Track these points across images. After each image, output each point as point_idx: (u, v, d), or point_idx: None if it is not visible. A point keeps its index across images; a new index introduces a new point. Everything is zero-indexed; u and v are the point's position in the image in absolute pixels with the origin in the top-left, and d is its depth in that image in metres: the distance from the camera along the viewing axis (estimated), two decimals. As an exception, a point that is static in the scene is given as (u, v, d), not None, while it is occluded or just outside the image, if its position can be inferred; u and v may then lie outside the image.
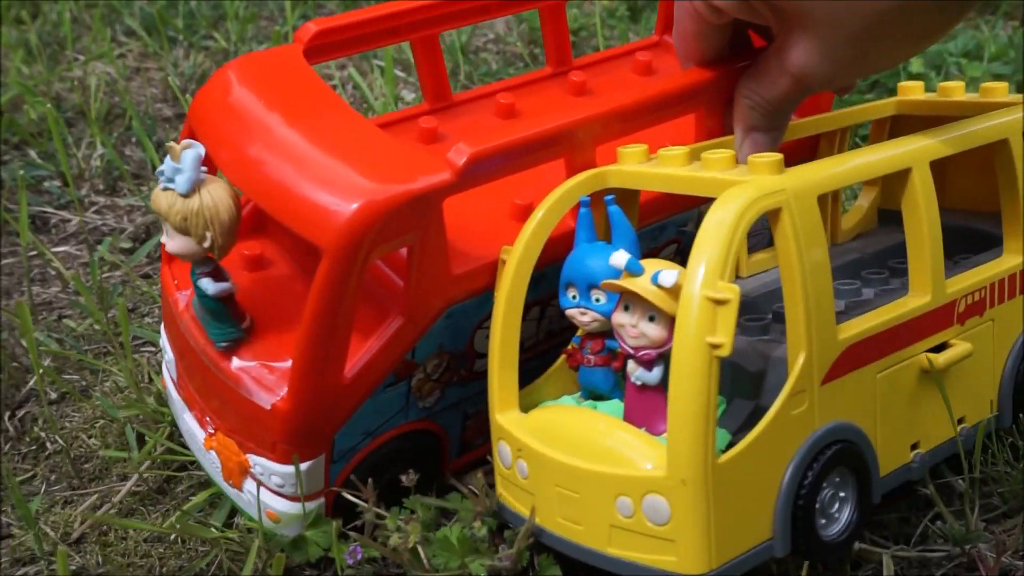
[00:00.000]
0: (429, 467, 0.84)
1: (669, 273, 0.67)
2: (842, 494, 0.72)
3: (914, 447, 0.77)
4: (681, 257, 0.93)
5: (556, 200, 0.76)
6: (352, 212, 0.72)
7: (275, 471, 0.78)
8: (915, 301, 0.76)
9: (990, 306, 0.81)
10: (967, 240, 0.90)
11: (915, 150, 0.75)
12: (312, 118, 0.81)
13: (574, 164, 0.81)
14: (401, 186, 0.74)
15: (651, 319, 0.68)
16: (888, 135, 0.98)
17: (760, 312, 0.83)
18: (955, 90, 0.93)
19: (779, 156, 0.69)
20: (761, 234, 0.92)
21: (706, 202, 0.72)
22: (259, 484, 0.79)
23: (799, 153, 0.96)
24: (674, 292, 0.67)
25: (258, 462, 0.79)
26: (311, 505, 0.78)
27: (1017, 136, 0.82)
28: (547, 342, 0.87)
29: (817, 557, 0.71)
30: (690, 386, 0.63)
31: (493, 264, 0.80)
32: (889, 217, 0.99)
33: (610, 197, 0.74)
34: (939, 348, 0.78)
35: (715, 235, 0.64)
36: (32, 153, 1.43)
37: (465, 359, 0.83)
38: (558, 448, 0.71)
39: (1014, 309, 0.83)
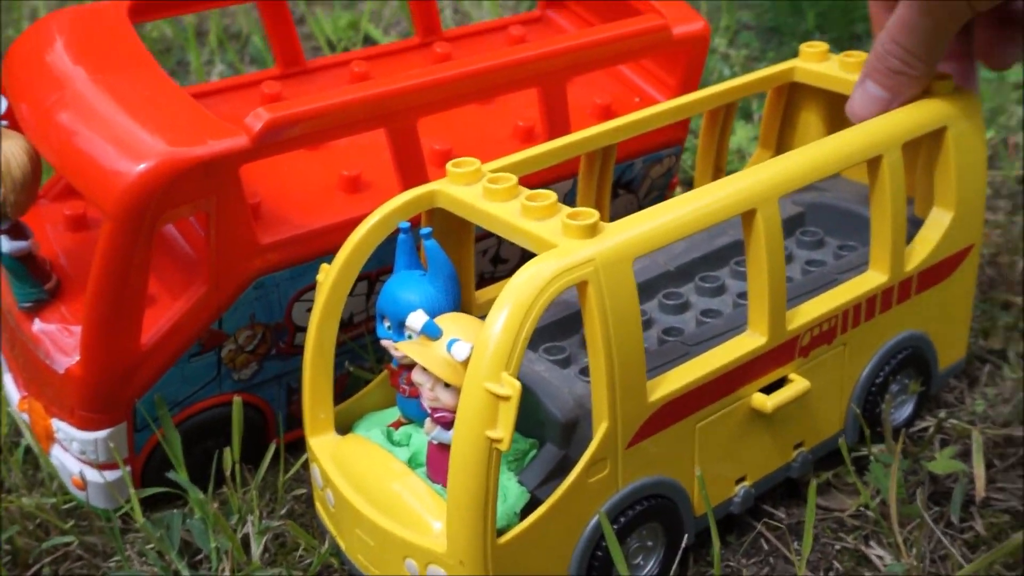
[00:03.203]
0: (254, 441, 0.83)
1: (462, 347, 0.63)
2: (650, 543, 0.71)
3: (740, 480, 0.76)
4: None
5: (378, 222, 0.71)
6: (136, 175, 0.70)
7: (76, 437, 0.76)
8: (750, 343, 0.72)
9: (842, 332, 0.77)
10: (860, 227, 0.86)
11: (761, 189, 0.70)
12: (117, 78, 0.77)
13: (395, 135, 0.78)
14: (191, 150, 0.71)
15: (446, 385, 0.65)
16: (785, 106, 0.92)
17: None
18: (855, 66, 0.86)
19: (594, 217, 0.64)
20: None
21: None
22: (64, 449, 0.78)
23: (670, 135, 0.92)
24: (467, 365, 0.64)
25: (60, 427, 0.77)
26: (113, 474, 0.77)
27: (894, 151, 0.76)
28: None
29: None
30: (467, 477, 0.60)
31: (308, 236, 0.78)
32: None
33: (426, 230, 0.69)
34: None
35: (506, 317, 0.60)
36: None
37: (283, 332, 0.80)
38: (360, 491, 0.69)
39: (872, 329, 0.79)
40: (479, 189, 0.70)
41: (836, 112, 0.91)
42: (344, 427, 0.75)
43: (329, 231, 0.80)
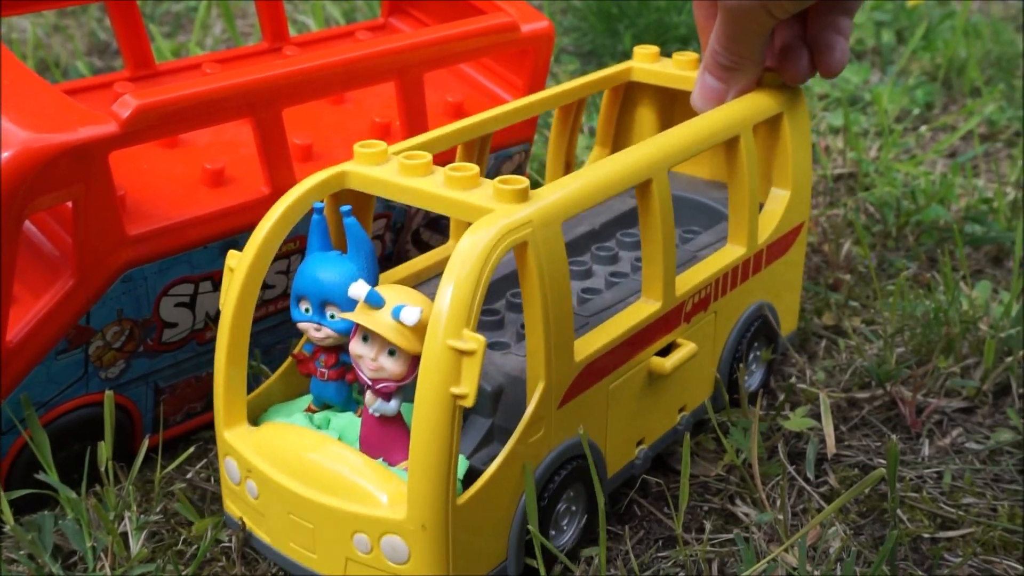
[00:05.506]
0: (120, 445, 0.80)
1: (411, 311, 0.64)
2: (574, 508, 0.73)
3: (639, 443, 0.80)
4: (393, 234, 0.92)
5: (290, 205, 0.71)
6: (2, 162, 0.68)
7: None
8: (647, 309, 0.75)
9: (714, 300, 0.83)
10: (700, 213, 0.92)
11: (655, 161, 0.74)
12: None
13: (261, 125, 0.79)
14: (59, 136, 0.70)
15: (391, 353, 0.65)
16: (622, 103, 0.97)
17: (495, 299, 0.81)
18: (687, 64, 0.93)
19: (525, 183, 0.67)
20: None
21: None
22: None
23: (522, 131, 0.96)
24: (416, 330, 0.64)
25: None
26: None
27: (748, 132, 0.83)
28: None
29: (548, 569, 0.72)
30: (432, 435, 0.61)
31: (176, 227, 0.78)
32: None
33: (346, 208, 0.70)
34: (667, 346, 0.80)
35: (461, 277, 0.62)
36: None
37: (151, 328, 0.79)
38: (291, 474, 0.68)
39: (734, 298, 0.85)
40: (393, 167, 0.71)
41: (666, 110, 0.98)
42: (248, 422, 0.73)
43: (197, 223, 0.80)
